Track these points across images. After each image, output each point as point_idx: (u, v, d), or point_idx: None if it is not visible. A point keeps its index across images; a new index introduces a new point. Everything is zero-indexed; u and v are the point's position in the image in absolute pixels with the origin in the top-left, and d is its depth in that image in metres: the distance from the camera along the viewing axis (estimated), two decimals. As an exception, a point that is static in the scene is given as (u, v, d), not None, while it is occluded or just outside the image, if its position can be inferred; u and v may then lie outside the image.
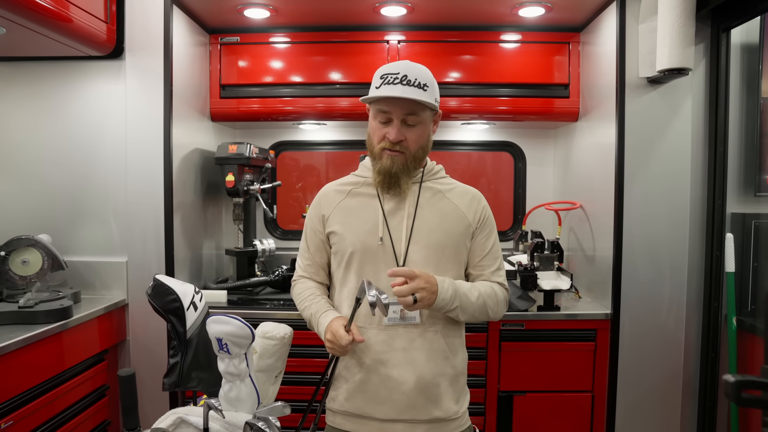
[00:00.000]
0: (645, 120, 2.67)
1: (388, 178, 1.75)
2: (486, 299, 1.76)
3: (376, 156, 1.78)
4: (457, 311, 1.71)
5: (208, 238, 3.26)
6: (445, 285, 1.67)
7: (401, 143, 1.73)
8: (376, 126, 1.76)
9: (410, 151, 1.75)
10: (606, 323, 2.74)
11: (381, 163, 1.75)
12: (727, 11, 2.52)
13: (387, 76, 1.70)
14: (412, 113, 1.71)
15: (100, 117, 2.84)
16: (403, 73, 1.68)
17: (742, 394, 1.05)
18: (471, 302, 1.72)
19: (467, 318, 1.77)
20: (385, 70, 1.72)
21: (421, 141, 1.77)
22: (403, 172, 1.75)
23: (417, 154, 1.77)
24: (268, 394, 1.63)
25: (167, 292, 1.54)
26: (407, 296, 1.59)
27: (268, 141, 3.71)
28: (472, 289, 1.74)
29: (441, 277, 1.68)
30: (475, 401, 2.53)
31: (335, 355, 1.72)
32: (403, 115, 1.71)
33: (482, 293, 1.75)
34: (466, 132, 3.69)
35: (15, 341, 2.10)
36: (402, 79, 1.68)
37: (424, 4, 2.86)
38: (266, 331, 1.63)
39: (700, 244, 2.71)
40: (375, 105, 1.75)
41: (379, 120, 1.74)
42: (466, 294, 1.71)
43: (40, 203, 2.87)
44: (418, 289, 1.60)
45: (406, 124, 1.72)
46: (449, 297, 1.67)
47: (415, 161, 1.78)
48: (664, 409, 2.73)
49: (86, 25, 2.51)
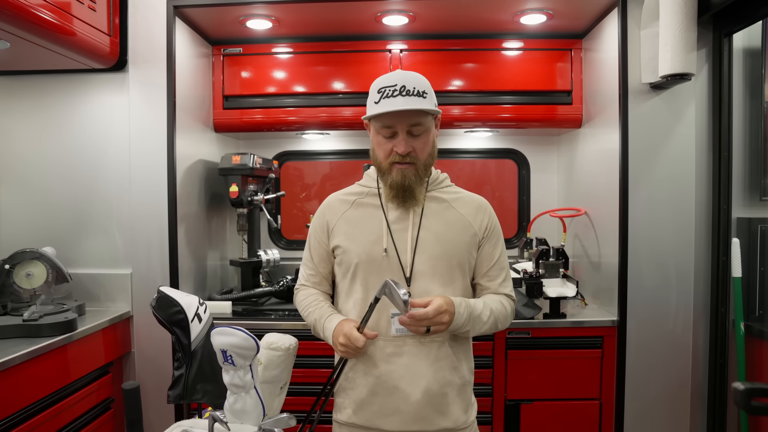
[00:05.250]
0: (648, 126, 2.67)
1: (402, 192, 1.73)
2: (497, 317, 1.76)
3: (384, 171, 1.76)
4: (468, 332, 1.72)
5: (212, 249, 3.26)
6: (461, 310, 1.66)
7: (410, 154, 1.71)
8: (381, 141, 1.74)
9: (420, 160, 1.74)
10: (613, 330, 2.72)
11: (392, 177, 1.74)
12: (729, 16, 2.52)
13: (384, 90, 1.67)
14: (417, 123, 1.70)
15: (103, 129, 2.86)
16: (401, 84, 1.67)
17: (752, 402, 1.04)
18: (483, 322, 1.72)
19: (475, 334, 1.78)
20: (380, 83, 1.70)
21: (428, 149, 1.76)
22: (416, 182, 1.74)
23: (427, 162, 1.77)
24: (273, 405, 1.63)
25: (171, 304, 1.54)
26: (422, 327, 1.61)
27: (271, 151, 3.71)
28: (484, 308, 1.73)
29: (458, 300, 1.68)
30: (482, 410, 2.52)
31: (348, 357, 1.72)
32: (408, 127, 1.69)
33: (493, 311, 1.75)
34: (470, 140, 3.68)
35: (20, 354, 2.10)
36: (401, 90, 1.66)
37: (426, 13, 2.87)
38: (271, 342, 1.62)
39: (706, 250, 2.70)
40: (377, 120, 1.72)
41: (383, 135, 1.72)
42: (479, 316, 1.71)
43: (44, 216, 2.88)
44: (440, 323, 1.61)
45: (412, 135, 1.71)
46: (463, 322, 1.67)
47: (425, 169, 1.78)
48: (672, 416, 2.71)
49: (89, 38, 2.53)
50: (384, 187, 1.79)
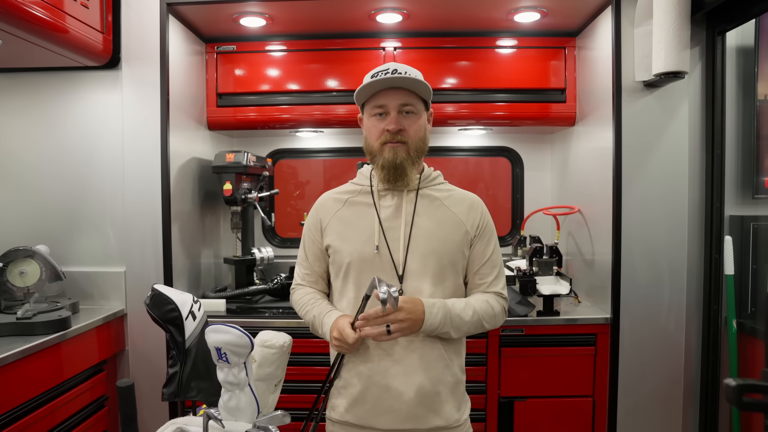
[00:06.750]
0: (642, 124, 2.68)
1: (394, 170, 1.74)
2: (482, 315, 1.74)
3: (376, 153, 1.77)
4: (449, 333, 1.70)
5: (206, 246, 3.26)
6: (434, 310, 1.65)
7: (401, 133, 1.73)
8: (373, 123, 1.77)
9: (411, 140, 1.75)
10: (606, 327, 2.74)
11: (383, 156, 1.74)
12: (722, 14, 2.53)
13: (377, 73, 1.73)
14: (408, 104, 1.73)
15: (96, 127, 2.85)
16: (393, 68, 1.73)
17: (744, 398, 1.05)
18: (464, 321, 1.71)
19: (461, 335, 1.76)
20: (374, 69, 1.76)
21: (419, 133, 1.77)
22: (407, 161, 1.74)
23: (418, 146, 1.77)
24: (267, 403, 1.63)
25: (165, 302, 1.54)
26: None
27: (265, 149, 3.71)
28: (466, 307, 1.72)
29: (432, 301, 1.67)
30: (476, 407, 2.53)
31: (342, 353, 1.73)
32: (399, 106, 1.72)
33: (477, 310, 1.73)
34: (463, 138, 3.69)
35: (13, 353, 2.09)
36: (393, 72, 1.72)
37: (420, 11, 2.87)
38: (265, 340, 1.62)
39: (699, 247, 2.71)
40: (369, 103, 1.77)
41: (376, 115, 1.75)
42: (459, 315, 1.70)
43: (37, 214, 2.87)
44: (396, 320, 1.60)
45: (403, 114, 1.74)
46: (438, 322, 1.66)
47: (417, 153, 1.78)
48: (665, 413, 2.72)
49: (82, 35, 2.52)
50: (376, 169, 1.80)
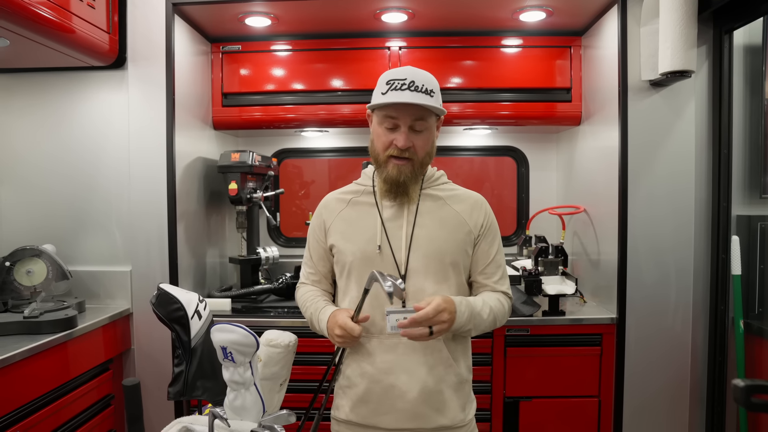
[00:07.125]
0: (648, 123, 2.67)
1: (395, 187, 1.73)
2: (496, 314, 1.75)
3: (381, 163, 1.76)
4: (471, 331, 1.71)
5: (211, 246, 3.26)
6: (462, 308, 1.65)
7: (409, 150, 1.71)
8: (382, 132, 1.73)
9: (418, 157, 1.73)
10: (612, 327, 2.73)
11: (387, 171, 1.73)
12: (730, 13, 2.52)
13: (394, 82, 1.67)
14: (420, 119, 1.69)
15: (102, 127, 2.86)
16: (410, 79, 1.67)
17: (752, 399, 1.04)
18: (483, 320, 1.71)
19: (478, 333, 1.77)
20: (390, 75, 1.70)
21: (427, 147, 1.76)
22: (411, 179, 1.74)
23: (424, 160, 1.76)
24: (273, 402, 1.63)
25: (171, 301, 1.54)
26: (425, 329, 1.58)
27: (270, 149, 3.71)
28: (483, 306, 1.72)
29: (458, 299, 1.67)
30: (481, 407, 2.52)
31: (345, 346, 1.73)
32: (411, 121, 1.69)
33: (492, 309, 1.74)
34: (469, 137, 3.68)
35: (20, 351, 2.10)
36: (410, 85, 1.66)
37: (425, 11, 2.87)
38: (271, 339, 1.62)
39: (706, 247, 2.70)
40: (381, 111, 1.72)
41: (386, 126, 1.72)
42: (480, 313, 1.70)
43: (44, 214, 2.88)
44: (439, 321, 1.58)
45: (414, 130, 1.71)
46: (465, 320, 1.66)
47: (422, 167, 1.77)
48: (671, 413, 2.71)
49: (89, 35, 2.52)
50: (378, 181, 1.79)
